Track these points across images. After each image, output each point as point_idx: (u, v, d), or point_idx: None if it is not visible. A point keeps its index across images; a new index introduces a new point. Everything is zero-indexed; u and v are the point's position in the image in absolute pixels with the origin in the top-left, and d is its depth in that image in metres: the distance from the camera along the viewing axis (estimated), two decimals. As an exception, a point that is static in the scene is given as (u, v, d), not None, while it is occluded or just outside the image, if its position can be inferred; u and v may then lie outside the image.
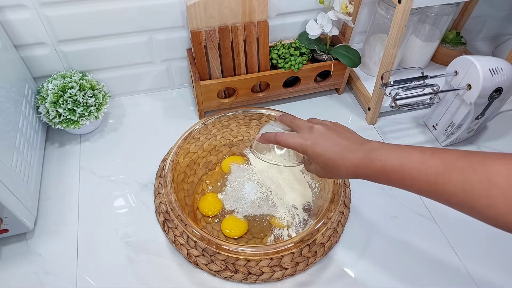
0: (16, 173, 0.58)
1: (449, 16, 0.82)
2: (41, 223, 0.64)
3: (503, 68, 0.65)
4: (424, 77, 0.70)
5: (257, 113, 0.70)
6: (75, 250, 0.62)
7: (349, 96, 0.90)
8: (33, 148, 0.68)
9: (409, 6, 0.63)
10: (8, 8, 0.65)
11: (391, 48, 0.69)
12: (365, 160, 0.44)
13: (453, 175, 0.37)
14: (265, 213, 0.66)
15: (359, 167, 0.45)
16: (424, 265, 0.61)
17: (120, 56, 0.78)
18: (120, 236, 0.64)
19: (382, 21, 0.81)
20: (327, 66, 0.81)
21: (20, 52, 0.71)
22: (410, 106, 0.72)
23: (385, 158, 0.42)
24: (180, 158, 0.65)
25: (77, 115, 0.70)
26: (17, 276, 0.59)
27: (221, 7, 0.71)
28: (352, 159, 0.45)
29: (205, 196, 0.69)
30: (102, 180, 0.71)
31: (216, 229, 0.65)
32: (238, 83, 0.78)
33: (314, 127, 0.50)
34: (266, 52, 0.78)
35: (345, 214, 0.67)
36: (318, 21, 0.79)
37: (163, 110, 0.85)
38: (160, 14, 0.73)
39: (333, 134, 0.49)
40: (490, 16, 0.99)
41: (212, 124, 0.69)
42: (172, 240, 0.62)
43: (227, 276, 0.59)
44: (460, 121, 0.73)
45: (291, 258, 0.61)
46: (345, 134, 0.49)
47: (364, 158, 0.44)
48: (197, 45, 0.73)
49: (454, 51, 0.91)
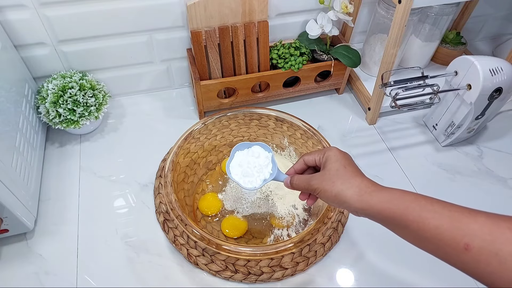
0: (16, 173, 0.58)
1: (449, 16, 0.82)
2: (41, 223, 0.64)
3: (503, 68, 0.65)
4: (424, 77, 0.70)
5: (257, 113, 0.70)
6: (75, 250, 0.62)
7: (349, 96, 0.90)
8: (33, 148, 0.68)
9: (409, 6, 0.63)
10: (8, 8, 0.65)
11: (391, 48, 0.69)
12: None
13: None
14: (265, 213, 0.66)
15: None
16: (424, 265, 0.61)
17: (120, 56, 0.78)
18: (120, 236, 0.64)
19: (382, 21, 0.81)
20: (327, 66, 0.81)
21: (20, 52, 0.71)
22: (410, 106, 0.72)
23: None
24: (180, 158, 0.65)
25: (77, 115, 0.70)
26: (17, 276, 0.59)
27: (221, 7, 0.71)
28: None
29: (205, 195, 0.69)
30: (102, 180, 0.71)
31: (216, 229, 0.65)
32: (238, 83, 0.78)
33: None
34: (266, 52, 0.78)
35: (345, 214, 0.67)
36: (318, 21, 0.79)
37: (163, 110, 0.85)
38: (160, 14, 0.73)
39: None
40: (490, 15, 0.99)
41: (212, 124, 0.69)
42: (172, 240, 0.62)
43: (227, 276, 0.59)
44: (460, 121, 0.73)
45: (291, 258, 0.61)
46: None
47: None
48: (197, 45, 0.73)
49: (454, 51, 0.91)
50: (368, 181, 0.43)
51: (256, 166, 0.54)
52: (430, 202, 0.38)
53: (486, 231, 0.33)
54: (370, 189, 0.42)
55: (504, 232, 0.33)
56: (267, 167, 0.55)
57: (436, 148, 0.80)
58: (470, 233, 0.34)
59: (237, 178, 0.55)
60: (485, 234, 0.33)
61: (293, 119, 0.69)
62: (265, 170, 0.54)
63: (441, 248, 0.36)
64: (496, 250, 0.32)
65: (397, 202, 0.39)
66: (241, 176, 0.55)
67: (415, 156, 0.78)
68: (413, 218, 0.38)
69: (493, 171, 0.76)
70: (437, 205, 0.38)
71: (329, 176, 0.45)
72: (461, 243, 0.34)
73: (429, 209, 0.38)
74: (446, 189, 0.73)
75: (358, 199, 0.42)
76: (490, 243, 0.33)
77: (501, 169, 0.76)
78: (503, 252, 0.32)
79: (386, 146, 0.80)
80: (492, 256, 0.32)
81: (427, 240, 0.38)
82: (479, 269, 0.33)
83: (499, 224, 0.33)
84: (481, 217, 0.35)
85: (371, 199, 0.41)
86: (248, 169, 0.54)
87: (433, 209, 0.37)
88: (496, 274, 0.32)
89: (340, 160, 0.45)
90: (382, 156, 0.78)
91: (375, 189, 0.42)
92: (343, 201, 0.43)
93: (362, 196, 0.42)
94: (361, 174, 0.45)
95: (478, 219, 0.34)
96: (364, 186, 0.42)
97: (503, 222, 0.33)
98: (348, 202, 0.43)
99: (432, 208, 0.38)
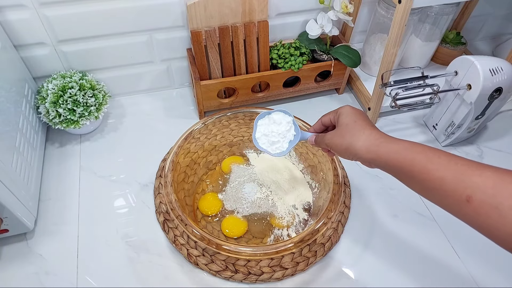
0: (16, 173, 0.58)
1: (449, 16, 0.82)
2: (41, 223, 0.64)
3: (503, 68, 0.65)
4: (424, 77, 0.70)
5: (257, 113, 0.70)
6: (75, 250, 0.62)
7: (349, 96, 0.90)
8: (33, 148, 0.68)
9: (409, 6, 0.63)
10: (8, 8, 0.65)
11: (391, 47, 0.69)
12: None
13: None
14: (265, 213, 0.66)
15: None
16: (424, 264, 0.61)
17: (120, 56, 0.78)
18: (121, 236, 0.64)
19: (382, 21, 0.81)
20: (327, 66, 0.81)
21: (20, 52, 0.71)
22: (410, 106, 0.72)
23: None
24: (180, 158, 0.65)
25: (77, 115, 0.70)
26: (17, 276, 0.59)
27: (221, 7, 0.71)
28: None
29: (205, 195, 0.69)
30: (102, 180, 0.71)
31: (216, 229, 0.65)
32: (238, 83, 0.78)
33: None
34: (266, 52, 0.78)
35: (345, 214, 0.67)
36: (318, 21, 0.79)
37: (163, 110, 0.84)
38: (160, 14, 0.73)
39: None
40: (490, 15, 0.99)
41: (212, 124, 0.69)
42: (172, 240, 0.62)
43: (227, 276, 0.59)
44: (460, 121, 0.73)
45: (291, 258, 0.61)
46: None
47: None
48: (197, 45, 0.73)
49: (454, 51, 0.91)
50: (377, 132, 0.45)
51: (281, 133, 0.57)
52: (438, 155, 0.39)
53: (489, 185, 0.34)
54: (378, 141, 0.43)
55: (507, 186, 0.33)
56: (290, 131, 0.57)
57: (436, 148, 0.80)
58: (473, 185, 0.35)
59: (265, 147, 0.58)
60: (488, 187, 0.34)
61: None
62: (288, 134, 0.57)
63: (444, 199, 0.37)
64: (497, 203, 0.33)
65: (404, 153, 0.41)
66: (269, 145, 0.58)
67: (415, 156, 0.78)
68: (419, 169, 0.39)
69: (493, 171, 0.76)
70: (444, 158, 0.39)
71: (340, 131, 0.47)
72: (463, 195, 0.35)
73: (435, 161, 0.39)
74: (446, 189, 0.73)
75: (366, 150, 0.43)
76: (492, 196, 0.33)
77: (501, 169, 0.76)
78: (504, 206, 0.32)
79: (386, 146, 0.80)
80: (492, 209, 0.33)
81: (431, 191, 0.39)
82: (479, 221, 0.34)
83: (504, 178, 0.34)
84: (488, 171, 0.35)
85: (378, 150, 0.43)
86: (273, 137, 0.57)
87: (439, 161, 0.38)
88: (495, 227, 0.33)
89: (350, 115, 0.47)
90: (382, 156, 0.78)
91: (384, 140, 0.43)
92: (354, 153, 0.45)
93: (370, 147, 0.43)
94: (370, 126, 0.46)
95: (484, 173, 0.35)
96: (373, 138, 0.44)
97: (508, 176, 0.34)
98: (358, 154, 0.45)
99: (439, 160, 0.38)
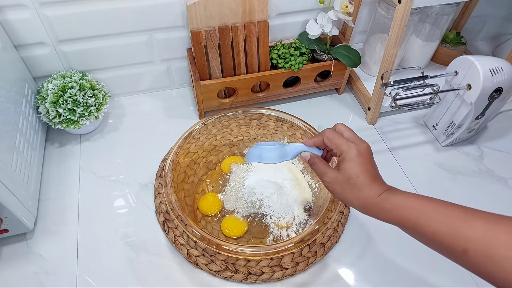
0: (16, 173, 0.58)
1: (450, 16, 0.82)
2: (41, 223, 0.64)
3: (503, 68, 0.65)
4: (424, 77, 0.70)
5: (257, 113, 0.70)
6: (75, 250, 0.62)
7: (349, 96, 0.90)
8: (33, 148, 0.68)
9: (409, 6, 0.63)
10: (8, 8, 0.65)
11: (392, 47, 0.69)
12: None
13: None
14: (265, 213, 0.66)
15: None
16: (424, 264, 0.61)
17: (120, 56, 0.78)
18: (120, 236, 0.64)
19: (382, 21, 0.81)
20: (327, 66, 0.81)
21: (20, 52, 0.71)
22: (410, 106, 0.72)
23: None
24: (180, 158, 0.65)
25: (77, 115, 0.70)
26: (17, 276, 0.59)
27: (221, 7, 0.71)
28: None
29: (205, 195, 0.69)
30: (102, 180, 0.71)
31: (216, 229, 0.65)
32: (238, 83, 0.78)
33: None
34: (266, 52, 0.78)
35: (345, 214, 0.67)
36: (318, 21, 0.79)
37: (163, 110, 0.84)
38: (160, 14, 0.73)
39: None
40: (490, 15, 0.99)
41: (212, 124, 0.69)
42: (172, 240, 0.62)
43: (227, 276, 0.59)
44: (461, 121, 0.73)
45: (291, 258, 0.61)
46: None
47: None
48: (197, 45, 0.73)
49: (454, 51, 0.91)
50: (377, 188, 0.45)
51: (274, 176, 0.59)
52: (429, 208, 0.41)
53: (479, 236, 0.36)
54: (374, 201, 0.44)
55: (498, 236, 0.36)
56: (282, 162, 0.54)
57: (436, 148, 0.80)
58: (466, 238, 0.37)
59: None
60: (479, 239, 0.36)
61: (293, 119, 0.69)
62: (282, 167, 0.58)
63: (442, 250, 0.40)
64: (491, 254, 0.35)
65: (396, 213, 0.43)
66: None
67: (415, 156, 0.78)
68: (412, 226, 0.42)
69: (493, 171, 0.76)
70: (434, 211, 0.40)
71: (341, 181, 0.46)
72: (459, 248, 0.37)
73: (426, 216, 0.40)
74: (447, 189, 0.73)
75: (363, 209, 0.46)
76: (483, 248, 0.36)
77: (501, 169, 0.76)
78: (496, 255, 0.35)
79: (386, 146, 0.80)
80: (486, 259, 0.36)
81: (429, 243, 0.41)
82: (477, 269, 0.37)
83: (495, 228, 0.36)
84: (478, 222, 0.37)
85: (373, 210, 0.45)
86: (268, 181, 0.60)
87: (430, 215, 0.40)
88: (491, 274, 0.36)
89: (356, 166, 0.45)
90: (382, 156, 0.78)
91: (380, 199, 0.44)
92: (350, 206, 0.50)
93: (367, 207, 0.45)
94: (371, 182, 0.45)
95: (473, 224, 0.37)
96: (371, 197, 0.44)
97: (499, 225, 0.36)
98: (355, 208, 0.47)
99: (429, 214, 0.40)
